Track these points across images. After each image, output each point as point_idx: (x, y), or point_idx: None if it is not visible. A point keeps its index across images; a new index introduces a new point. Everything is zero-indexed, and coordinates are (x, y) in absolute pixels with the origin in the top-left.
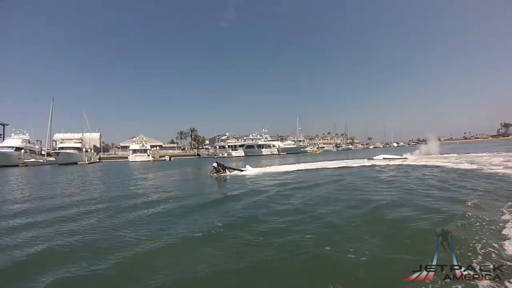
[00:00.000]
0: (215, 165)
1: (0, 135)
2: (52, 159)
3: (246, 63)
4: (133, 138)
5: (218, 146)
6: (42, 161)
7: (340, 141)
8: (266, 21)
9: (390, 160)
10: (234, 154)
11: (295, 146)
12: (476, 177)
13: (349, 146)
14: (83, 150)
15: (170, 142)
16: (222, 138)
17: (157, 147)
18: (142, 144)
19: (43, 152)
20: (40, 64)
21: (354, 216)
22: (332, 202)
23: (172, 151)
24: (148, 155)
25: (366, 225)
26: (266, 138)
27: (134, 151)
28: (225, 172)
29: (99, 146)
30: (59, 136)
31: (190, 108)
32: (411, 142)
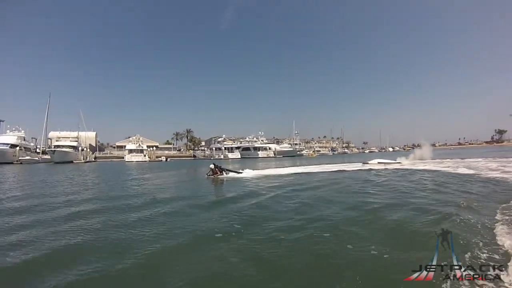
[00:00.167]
0: (212, 166)
1: None
2: (47, 157)
3: (244, 64)
4: (129, 138)
5: (214, 148)
6: (37, 159)
7: (336, 145)
8: (266, 21)
9: (385, 164)
10: (230, 156)
11: (292, 149)
12: (473, 181)
13: (344, 150)
14: (79, 149)
15: (166, 143)
16: (219, 140)
17: (153, 148)
18: (139, 144)
19: (38, 150)
20: (38, 60)
21: (354, 217)
22: (331, 204)
23: (168, 152)
24: (144, 156)
25: (365, 226)
26: (263, 140)
27: (131, 151)
28: (222, 174)
29: (95, 145)
30: (55, 134)
31: (186, 109)
32: (406, 147)
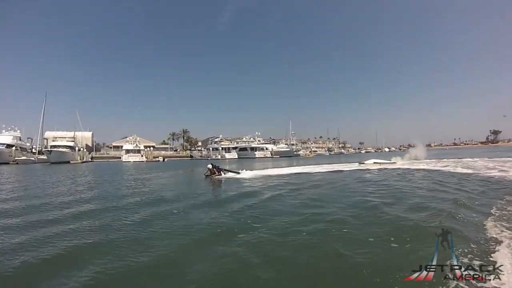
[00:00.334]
0: (210, 166)
1: None
2: (43, 158)
3: (243, 64)
4: (126, 138)
5: (211, 148)
6: (34, 159)
7: (332, 145)
8: (265, 21)
9: (381, 164)
10: (227, 156)
11: (288, 149)
12: (472, 180)
13: (341, 150)
14: (76, 149)
15: (162, 143)
16: (216, 140)
17: (150, 148)
18: (136, 144)
19: (34, 150)
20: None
21: (353, 217)
22: (330, 204)
23: (164, 152)
24: (142, 156)
25: (365, 226)
26: (259, 141)
27: (128, 151)
28: (220, 174)
29: (91, 145)
30: (51, 134)
31: (183, 109)
32: (402, 147)
